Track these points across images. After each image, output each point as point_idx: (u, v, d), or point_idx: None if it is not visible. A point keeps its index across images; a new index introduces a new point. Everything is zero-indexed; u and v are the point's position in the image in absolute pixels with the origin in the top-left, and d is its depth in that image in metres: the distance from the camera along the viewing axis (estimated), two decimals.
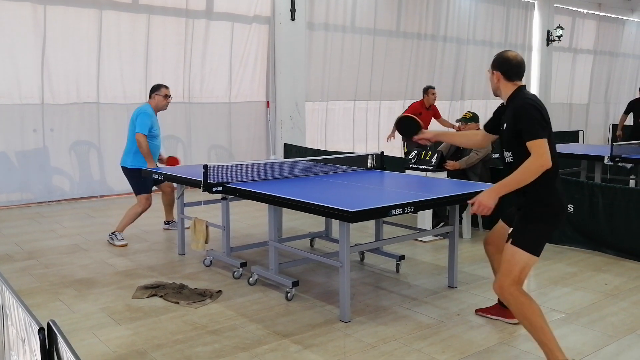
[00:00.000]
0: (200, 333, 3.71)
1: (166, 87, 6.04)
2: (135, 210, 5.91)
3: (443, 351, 3.46)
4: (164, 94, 5.97)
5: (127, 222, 5.94)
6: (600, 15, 16.39)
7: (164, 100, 5.98)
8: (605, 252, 5.48)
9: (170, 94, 6.04)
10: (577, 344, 3.57)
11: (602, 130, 17.05)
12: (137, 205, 5.92)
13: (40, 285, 4.62)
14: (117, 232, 5.90)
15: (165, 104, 6.01)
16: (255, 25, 9.76)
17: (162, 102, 5.98)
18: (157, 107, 5.98)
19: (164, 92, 5.98)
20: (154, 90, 6.01)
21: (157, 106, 5.98)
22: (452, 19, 12.75)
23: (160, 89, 5.99)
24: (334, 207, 3.64)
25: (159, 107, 6.00)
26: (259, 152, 10.09)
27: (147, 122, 5.78)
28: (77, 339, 3.59)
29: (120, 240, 5.85)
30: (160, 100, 5.97)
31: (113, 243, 5.85)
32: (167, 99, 5.99)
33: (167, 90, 6.01)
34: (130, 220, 5.94)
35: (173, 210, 6.37)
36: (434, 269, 5.10)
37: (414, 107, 9.12)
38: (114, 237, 5.88)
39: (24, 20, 7.68)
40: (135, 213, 5.92)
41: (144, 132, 5.75)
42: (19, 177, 7.87)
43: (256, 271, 4.64)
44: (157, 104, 5.97)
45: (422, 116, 8.98)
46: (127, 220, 5.93)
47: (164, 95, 5.96)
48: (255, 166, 5.51)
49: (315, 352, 3.45)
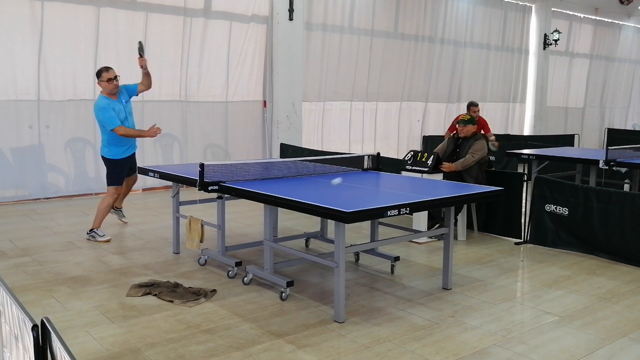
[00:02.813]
0: (194, 332, 3.70)
1: (106, 70, 5.76)
2: (107, 201, 5.95)
3: (437, 352, 3.47)
4: (106, 78, 5.70)
5: (102, 215, 5.94)
6: (597, 20, 16.46)
7: (110, 85, 5.71)
8: (599, 256, 5.50)
9: (113, 75, 5.72)
10: (570, 346, 3.59)
11: (597, 134, 17.12)
12: (107, 197, 5.98)
13: (33, 283, 4.61)
14: (95, 229, 5.89)
15: (113, 87, 5.73)
16: (253, 24, 9.76)
17: (109, 87, 5.72)
18: (109, 93, 5.77)
19: (105, 76, 5.71)
20: (97, 77, 5.80)
21: (108, 92, 5.77)
22: (449, 21, 12.78)
23: (100, 75, 5.76)
24: (329, 207, 3.64)
25: (110, 91, 5.75)
26: (255, 151, 10.08)
27: (109, 115, 5.66)
28: (71, 336, 3.58)
29: (102, 237, 5.86)
30: (106, 86, 5.74)
31: (95, 240, 5.84)
32: (111, 82, 5.70)
33: (108, 73, 5.71)
34: (104, 214, 5.95)
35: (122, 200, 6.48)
36: (428, 270, 5.11)
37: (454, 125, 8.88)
38: (94, 234, 5.88)
39: (21, 16, 7.65)
40: (108, 205, 5.96)
41: (116, 124, 5.68)
42: (13, 174, 7.84)
43: (251, 271, 4.64)
44: (106, 90, 5.77)
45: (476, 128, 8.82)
46: (101, 214, 5.93)
47: (106, 80, 5.71)
48: (251, 166, 5.50)
49: (309, 352, 3.45)
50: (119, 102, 5.86)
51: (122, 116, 5.84)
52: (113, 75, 5.75)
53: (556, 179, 5.98)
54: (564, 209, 5.69)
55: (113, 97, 5.82)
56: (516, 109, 14.79)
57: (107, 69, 5.80)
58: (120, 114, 5.81)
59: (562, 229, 5.74)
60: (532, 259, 5.54)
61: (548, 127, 15.38)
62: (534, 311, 4.18)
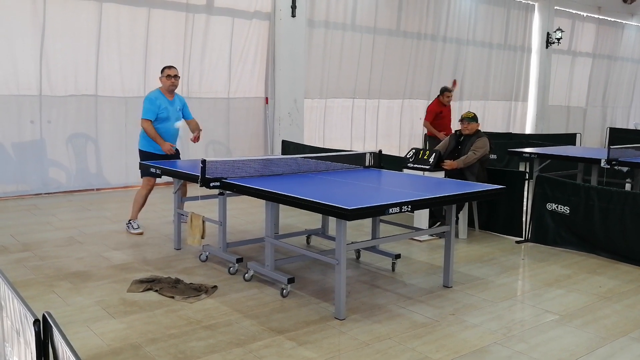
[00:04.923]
0: (195, 328, 3.71)
1: (169, 68, 6.02)
2: (140, 193, 6.10)
3: (437, 350, 3.47)
4: (166, 74, 5.98)
5: (138, 207, 6.09)
6: (600, 19, 16.42)
7: (168, 81, 5.97)
8: (599, 255, 5.50)
9: (173, 73, 5.97)
10: (570, 345, 3.59)
11: (599, 133, 17.09)
12: (141, 188, 6.11)
13: (35, 278, 4.61)
14: (132, 220, 6.06)
15: (170, 84, 5.98)
16: (256, 21, 9.74)
17: (166, 83, 5.98)
18: (165, 90, 6.00)
19: (166, 72, 5.99)
20: (161, 73, 6.07)
21: (165, 89, 5.99)
22: (452, 19, 12.76)
23: (163, 71, 6.04)
24: (331, 204, 3.64)
25: (165, 88, 6.00)
26: (257, 148, 10.08)
27: (149, 107, 5.85)
28: (72, 331, 3.58)
29: (135, 229, 6.01)
30: (164, 82, 5.99)
31: (129, 231, 6.01)
32: (169, 80, 5.96)
33: (169, 70, 5.98)
34: (139, 204, 6.09)
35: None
36: (429, 268, 5.11)
37: (432, 108, 9.04)
38: (129, 225, 6.06)
39: (23, 11, 7.65)
40: (141, 196, 6.08)
41: (147, 117, 5.85)
42: (15, 169, 7.85)
43: (252, 267, 4.64)
44: (163, 86, 6.00)
45: (443, 114, 8.99)
46: (137, 205, 6.09)
47: (165, 76, 5.97)
48: (253, 162, 5.50)
49: (309, 349, 3.45)
50: (171, 103, 5.99)
51: (164, 115, 5.93)
52: (173, 74, 5.98)
53: (558, 177, 5.98)
54: (565, 208, 5.68)
55: (168, 95, 5.99)
56: (518, 107, 14.77)
57: (170, 67, 6.06)
58: (164, 112, 5.92)
59: (563, 228, 5.74)
60: (533, 258, 5.54)
61: (550, 126, 15.36)
62: (534, 310, 4.18)
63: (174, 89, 6.05)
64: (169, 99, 5.99)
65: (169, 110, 5.96)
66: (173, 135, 6.06)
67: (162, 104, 5.91)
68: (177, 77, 6.02)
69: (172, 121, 6.00)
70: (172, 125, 6.00)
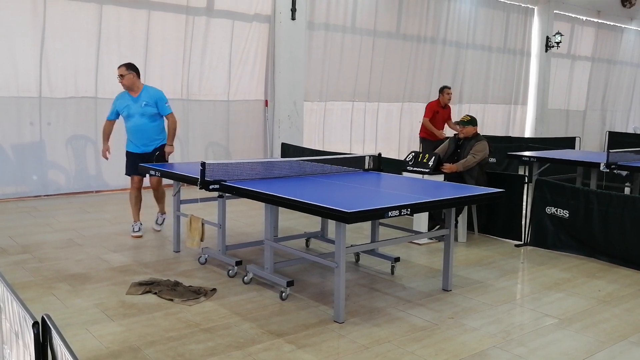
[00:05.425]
0: (194, 331, 3.70)
1: (118, 67, 5.98)
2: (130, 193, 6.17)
3: (436, 354, 3.47)
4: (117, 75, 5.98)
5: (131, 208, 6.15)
6: (599, 23, 16.45)
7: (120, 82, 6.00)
8: (599, 259, 5.50)
9: (118, 73, 5.94)
10: (569, 349, 3.59)
11: (598, 137, 17.12)
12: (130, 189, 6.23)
13: (33, 280, 4.61)
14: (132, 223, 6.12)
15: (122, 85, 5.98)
16: (256, 23, 9.76)
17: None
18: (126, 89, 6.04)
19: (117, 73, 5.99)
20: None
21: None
22: (452, 22, 12.78)
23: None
24: (330, 207, 3.64)
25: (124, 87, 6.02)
26: (256, 150, 10.08)
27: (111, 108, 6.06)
28: (70, 334, 3.58)
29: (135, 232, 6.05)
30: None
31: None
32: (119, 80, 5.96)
33: (117, 70, 5.97)
34: (131, 205, 6.14)
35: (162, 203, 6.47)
36: (428, 271, 5.11)
37: (431, 106, 9.12)
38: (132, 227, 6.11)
39: (23, 12, 7.66)
40: (130, 196, 6.15)
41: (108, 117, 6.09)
42: (14, 170, 7.84)
43: (251, 270, 4.64)
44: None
45: (439, 115, 9.05)
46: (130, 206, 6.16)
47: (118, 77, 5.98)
48: (252, 165, 5.50)
49: (308, 352, 3.45)
50: (135, 100, 5.97)
51: (125, 113, 5.98)
52: (118, 74, 5.98)
53: (557, 181, 5.98)
54: (564, 212, 5.69)
55: (132, 92, 5.99)
56: (517, 111, 14.79)
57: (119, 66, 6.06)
58: (125, 110, 5.97)
59: (562, 232, 5.74)
60: (532, 261, 5.54)
61: (549, 130, 15.38)
62: (533, 313, 4.18)
63: (127, 89, 5.98)
64: (133, 96, 5.96)
65: (131, 107, 5.95)
66: (138, 132, 6.00)
67: (122, 102, 5.96)
68: (122, 76, 5.92)
69: (136, 117, 5.97)
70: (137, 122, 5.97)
